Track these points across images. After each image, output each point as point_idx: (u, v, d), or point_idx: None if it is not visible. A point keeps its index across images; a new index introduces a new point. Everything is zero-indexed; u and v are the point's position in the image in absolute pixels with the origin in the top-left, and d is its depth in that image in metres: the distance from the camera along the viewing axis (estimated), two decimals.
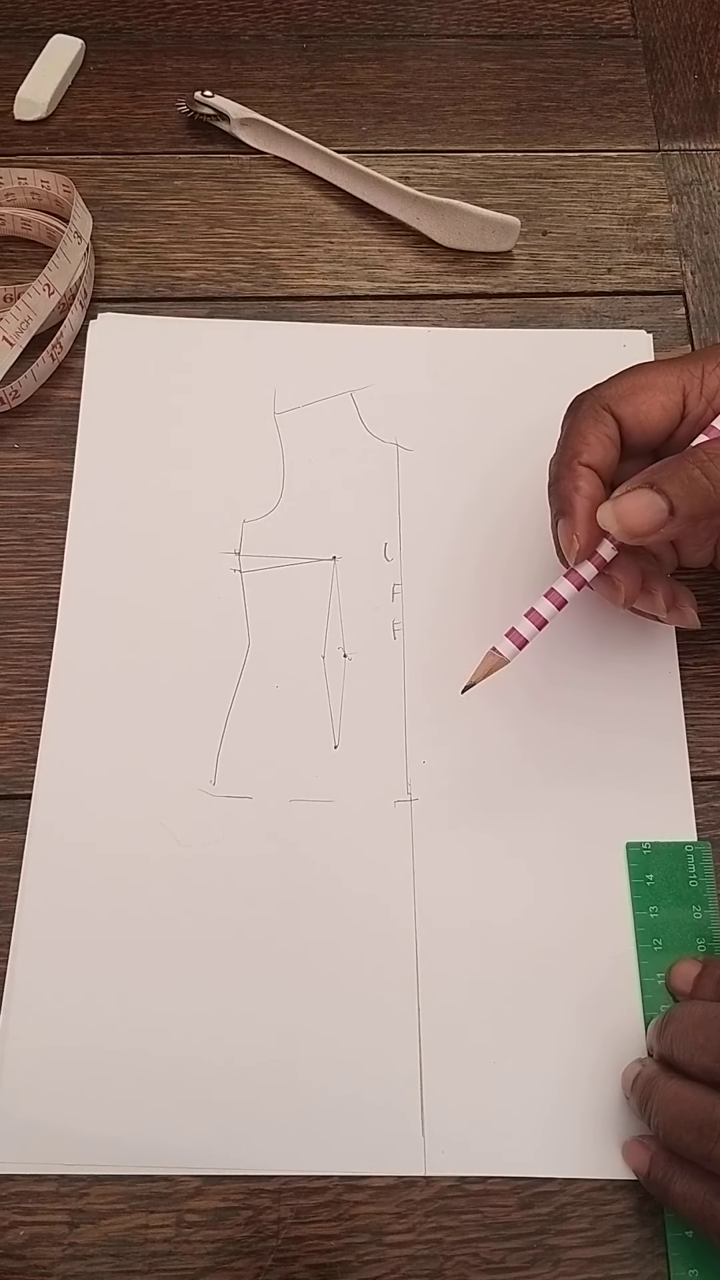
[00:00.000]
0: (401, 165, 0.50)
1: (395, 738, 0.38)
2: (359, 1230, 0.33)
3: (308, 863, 0.37)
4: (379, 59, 0.53)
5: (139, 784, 0.38)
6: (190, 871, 0.37)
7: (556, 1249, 0.33)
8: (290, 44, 0.53)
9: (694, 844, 0.37)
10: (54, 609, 0.40)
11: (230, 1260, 0.32)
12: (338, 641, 0.40)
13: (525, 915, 0.36)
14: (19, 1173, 0.33)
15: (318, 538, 0.42)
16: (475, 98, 0.52)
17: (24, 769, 0.38)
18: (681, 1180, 0.31)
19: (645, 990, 0.35)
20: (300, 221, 0.49)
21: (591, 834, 0.37)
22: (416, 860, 0.37)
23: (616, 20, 0.54)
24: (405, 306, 0.47)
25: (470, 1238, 0.33)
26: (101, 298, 0.46)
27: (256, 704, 0.39)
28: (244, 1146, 0.33)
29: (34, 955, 0.35)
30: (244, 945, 0.36)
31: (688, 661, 0.40)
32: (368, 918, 0.36)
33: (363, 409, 0.44)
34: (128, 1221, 0.33)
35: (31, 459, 0.43)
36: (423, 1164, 0.33)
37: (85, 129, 0.50)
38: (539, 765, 0.38)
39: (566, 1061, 0.34)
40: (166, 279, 0.47)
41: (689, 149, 0.51)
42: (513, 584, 0.41)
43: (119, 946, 0.36)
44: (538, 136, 0.51)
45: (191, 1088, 0.34)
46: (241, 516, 0.42)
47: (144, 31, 0.53)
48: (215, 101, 0.49)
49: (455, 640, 0.40)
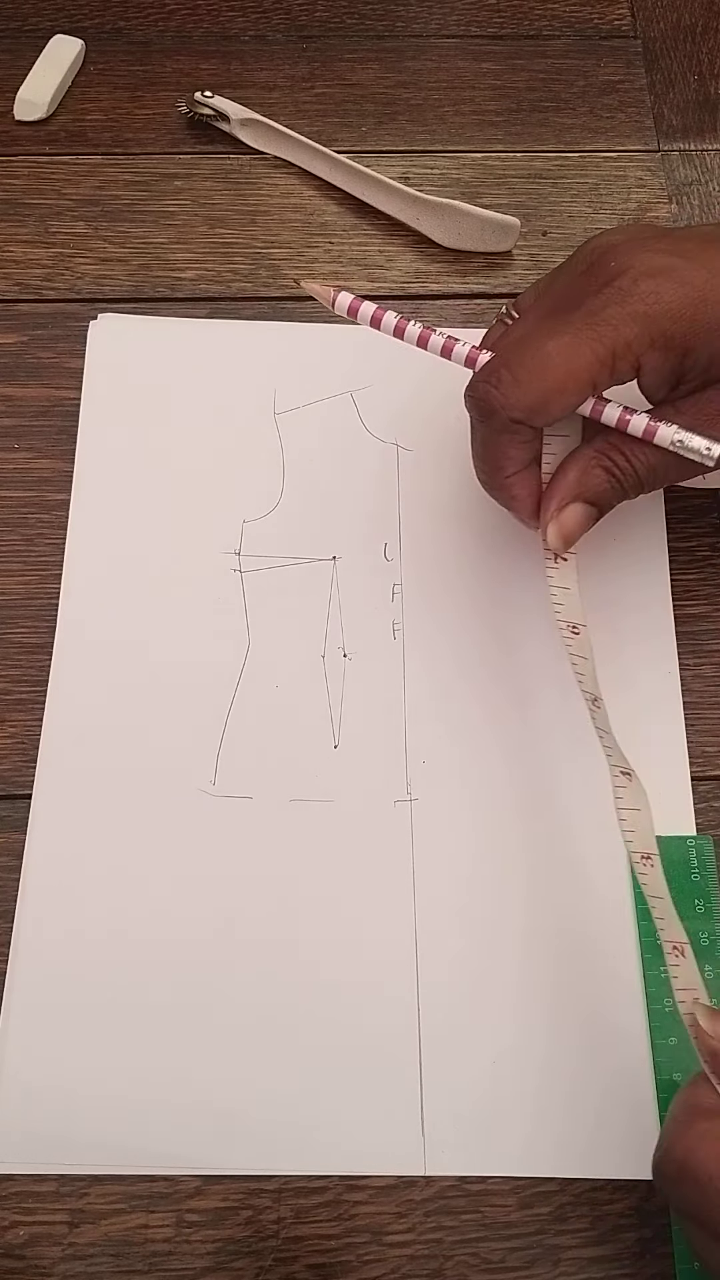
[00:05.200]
0: (401, 165, 0.50)
1: (395, 738, 0.38)
2: (359, 1230, 0.33)
3: (308, 863, 0.37)
4: (379, 59, 0.53)
5: (139, 784, 0.38)
6: (190, 871, 0.37)
7: (556, 1249, 0.33)
8: (290, 44, 0.53)
9: (696, 838, 0.37)
10: (54, 609, 0.40)
11: (230, 1260, 0.32)
12: (338, 641, 0.40)
13: (526, 914, 0.36)
14: (19, 1173, 0.33)
15: (318, 538, 0.42)
16: (475, 98, 0.52)
17: (24, 769, 0.38)
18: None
19: (649, 984, 0.35)
20: (300, 221, 0.49)
21: (592, 833, 0.37)
22: (416, 860, 0.37)
23: (616, 20, 0.54)
24: (405, 307, 0.47)
25: (470, 1238, 0.33)
26: (101, 298, 0.46)
27: (256, 704, 0.39)
28: (244, 1146, 0.33)
29: (34, 955, 0.35)
30: (244, 945, 0.36)
31: (688, 661, 0.40)
32: (367, 918, 0.36)
33: (363, 409, 0.44)
34: (128, 1221, 0.33)
35: (31, 459, 0.43)
36: (423, 1164, 0.33)
37: (85, 129, 0.51)
38: (539, 765, 0.38)
39: (567, 1061, 0.34)
40: (166, 279, 0.47)
41: (689, 149, 0.51)
42: (512, 583, 0.41)
43: (119, 946, 0.36)
44: (537, 137, 0.51)
45: (191, 1088, 0.34)
46: (241, 516, 0.42)
47: (144, 32, 0.53)
48: (215, 102, 0.49)
49: (455, 640, 0.40)
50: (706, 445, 0.34)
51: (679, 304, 0.33)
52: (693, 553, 0.42)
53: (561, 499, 0.36)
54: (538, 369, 0.33)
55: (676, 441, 0.34)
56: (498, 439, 0.35)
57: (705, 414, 0.34)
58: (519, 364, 0.33)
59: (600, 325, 0.33)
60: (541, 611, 0.40)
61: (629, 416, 0.34)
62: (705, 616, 0.41)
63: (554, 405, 0.34)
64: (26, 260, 0.47)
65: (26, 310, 0.46)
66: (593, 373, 0.33)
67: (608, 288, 0.33)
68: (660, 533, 0.42)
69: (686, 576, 0.41)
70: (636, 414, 0.34)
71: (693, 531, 0.42)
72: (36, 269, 0.47)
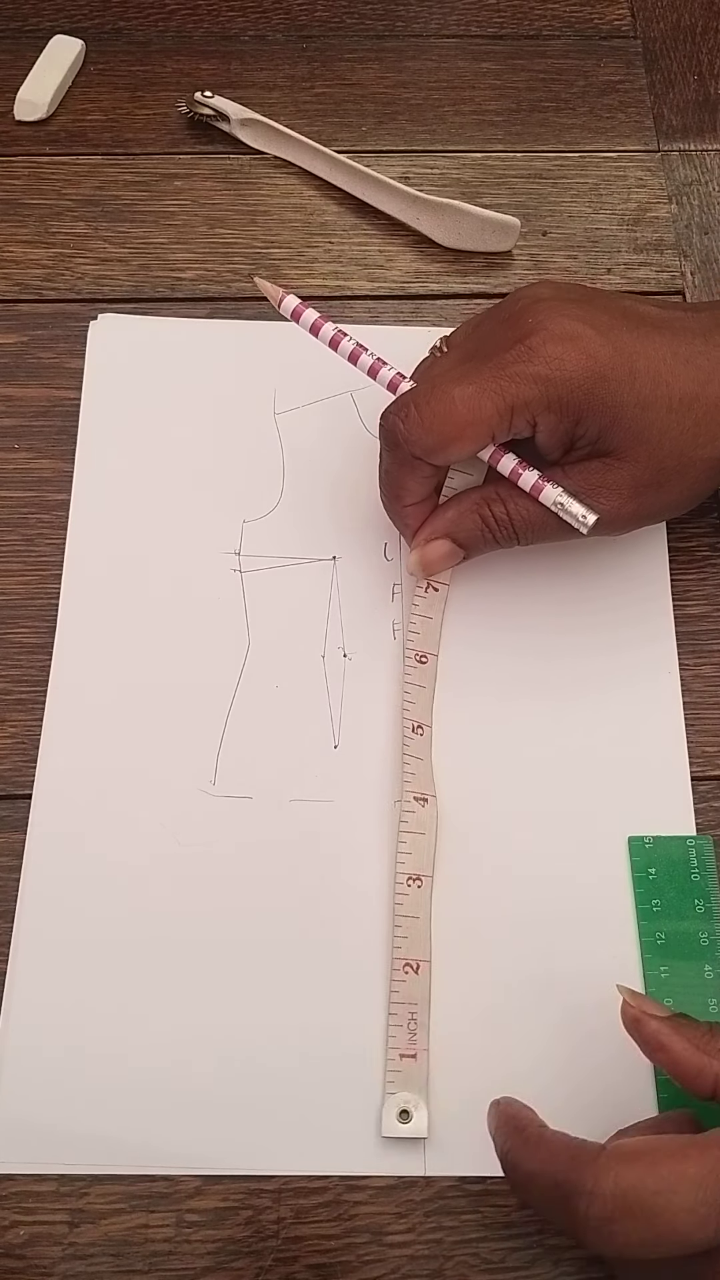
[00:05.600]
0: (401, 165, 0.50)
1: (395, 738, 0.38)
2: (359, 1230, 0.33)
3: (307, 863, 0.37)
4: (379, 59, 0.53)
5: (139, 784, 0.38)
6: (190, 871, 0.37)
7: (556, 1249, 0.33)
8: (290, 44, 0.53)
9: (696, 838, 0.37)
10: (54, 609, 0.40)
11: (230, 1260, 0.32)
12: (338, 641, 0.40)
13: (526, 914, 0.36)
14: (19, 1173, 0.33)
15: (318, 538, 0.42)
16: (475, 98, 0.52)
17: (24, 769, 0.38)
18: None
19: (649, 984, 0.35)
20: (300, 221, 0.49)
21: (592, 832, 0.37)
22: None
23: (616, 21, 0.54)
24: (405, 306, 0.47)
25: (470, 1238, 0.33)
26: (101, 298, 0.46)
27: (256, 704, 0.39)
28: (244, 1146, 0.33)
29: (34, 955, 0.35)
30: (244, 945, 0.36)
31: (687, 661, 0.40)
32: (368, 918, 0.36)
33: (363, 409, 0.44)
34: (128, 1221, 0.33)
35: (31, 459, 0.43)
36: (423, 1164, 0.33)
37: (85, 129, 0.51)
38: (539, 765, 0.38)
39: (568, 1060, 0.34)
40: (166, 279, 0.47)
41: (689, 149, 0.51)
42: (512, 583, 0.41)
43: (119, 946, 0.36)
44: (537, 137, 0.51)
45: (192, 1087, 0.34)
46: (241, 516, 0.42)
47: (144, 32, 0.53)
48: (215, 102, 0.49)
49: (455, 640, 0.40)
50: (583, 513, 0.36)
51: (579, 375, 0.34)
52: (693, 553, 0.42)
53: (432, 533, 0.38)
54: (442, 412, 0.35)
55: (558, 503, 0.36)
56: (399, 469, 0.37)
57: (590, 483, 0.36)
58: (426, 404, 0.35)
59: (504, 381, 0.34)
60: (540, 610, 0.41)
61: (521, 471, 0.36)
62: (705, 616, 0.41)
63: (452, 449, 0.35)
64: (26, 260, 0.47)
65: (26, 310, 0.46)
66: (491, 424, 0.35)
67: (519, 344, 0.34)
68: (660, 533, 0.42)
69: (686, 576, 0.41)
70: (529, 470, 0.36)
71: (693, 531, 0.42)
72: (36, 269, 0.47)
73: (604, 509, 0.36)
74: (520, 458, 0.36)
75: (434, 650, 0.39)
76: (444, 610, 0.40)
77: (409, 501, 0.38)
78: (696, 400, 0.35)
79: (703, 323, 0.36)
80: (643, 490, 0.36)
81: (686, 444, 0.35)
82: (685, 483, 0.36)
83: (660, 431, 0.35)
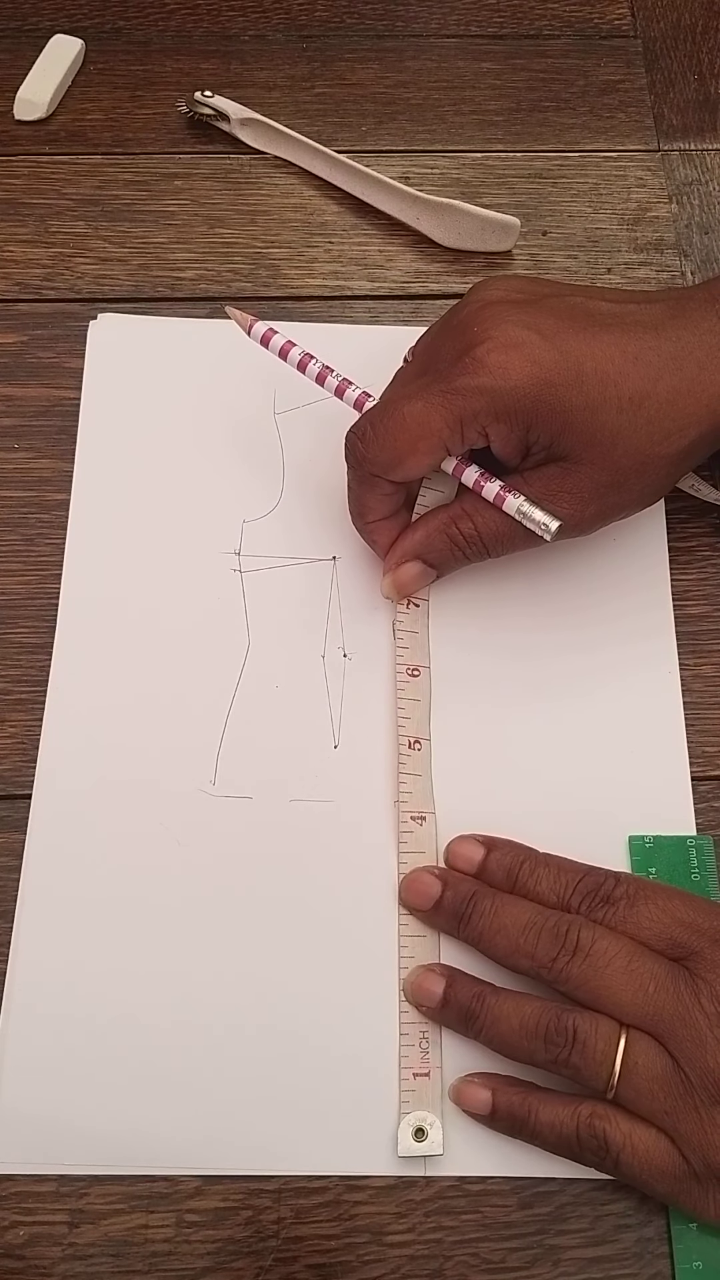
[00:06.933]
0: (401, 165, 0.50)
1: (395, 738, 0.38)
2: (359, 1230, 0.33)
3: (307, 863, 0.37)
4: (379, 59, 0.53)
5: (139, 783, 0.38)
6: (190, 871, 0.36)
7: (556, 1249, 0.33)
8: (290, 44, 0.53)
9: (696, 838, 0.37)
10: (54, 609, 0.40)
11: (230, 1260, 0.32)
12: (338, 641, 0.40)
13: None
14: (19, 1173, 0.33)
15: (318, 538, 0.42)
16: (475, 98, 0.52)
17: (24, 769, 0.38)
18: (546, 1107, 0.31)
19: None
20: (300, 221, 0.49)
21: (593, 832, 0.37)
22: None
23: (616, 20, 0.54)
24: (405, 306, 0.47)
25: (470, 1238, 0.33)
26: (101, 298, 0.46)
27: (256, 704, 0.39)
28: (244, 1146, 0.33)
29: (34, 955, 0.35)
30: (243, 946, 0.36)
31: (687, 661, 0.40)
32: (368, 918, 0.36)
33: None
34: (128, 1221, 0.33)
35: (31, 459, 0.43)
36: (423, 1164, 0.33)
37: (85, 129, 0.51)
38: (540, 766, 0.38)
39: None
40: (166, 279, 0.47)
41: (689, 149, 0.51)
42: (512, 583, 0.41)
43: (119, 946, 0.36)
44: (538, 136, 0.51)
45: (192, 1088, 0.34)
46: (241, 516, 0.42)
47: (144, 31, 0.53)
48: (215, 101, 0.49)
49: (455, 642, 0.40)
50: (545, 520, 0.36)
51: (525, 382, 0.34)
52: (693, 553, 0.42)
53: (402, 555, 0.38)
54: (395, 429, 0.35)
55: (521, 511, 0.36)
56: (360, 487, 0.37)
57: (550, 488, 0.36)
58: (380, 422, 0.36)
59: (451, 394, 0.35)
60: (541, 610, 0.41)
61: (484, 483, 0.36)
62: (705, 616, 0.41)
63: (409, 464, 0.36)
64: (26, 260, 0.47)
65: (26, 310, 0.46)
66: (442, 437, 0.35)
67: (465, 356, 0.35)
68: (660, 533, 0.42)
69: (686, 576, 0.41)
70: (491, 481, 0.36)
71: (693, 531, 0.42)
72: (36, 269, 0.47)
73: (565, 513, 0.36)
74: (483, 469, 0.36)
75: (424, 663, 0.39)
76: (428, 624, 0.40)
77: (372, 519, 0.38)
78: (647, 398, 0.35)
79: (654, 315, 0.36)
80: (603, 491, 0.36)
81: (642, 442, 0.35)
82: (645, 480, 0.36)
83: (613, 433, 0.35)
